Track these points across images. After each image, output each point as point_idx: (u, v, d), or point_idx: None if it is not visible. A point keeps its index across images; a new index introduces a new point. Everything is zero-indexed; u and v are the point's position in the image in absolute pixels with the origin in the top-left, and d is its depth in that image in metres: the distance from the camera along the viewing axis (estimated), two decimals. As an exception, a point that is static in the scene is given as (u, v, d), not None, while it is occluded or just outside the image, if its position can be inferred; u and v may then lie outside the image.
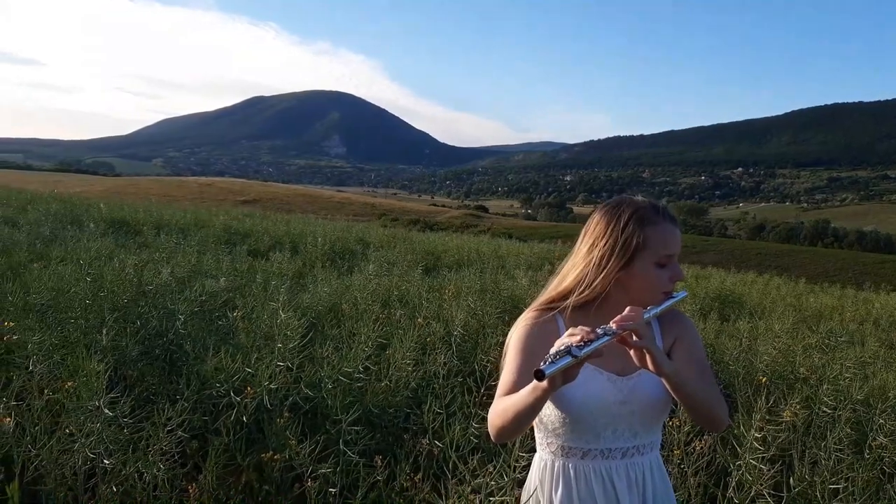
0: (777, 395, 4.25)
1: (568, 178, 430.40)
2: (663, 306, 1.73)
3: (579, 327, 1.52)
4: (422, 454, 3.03)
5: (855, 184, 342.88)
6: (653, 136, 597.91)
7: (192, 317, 4.31)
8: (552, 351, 1.47)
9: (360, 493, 2.66)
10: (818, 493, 2.49)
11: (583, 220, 2.68)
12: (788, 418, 3.76)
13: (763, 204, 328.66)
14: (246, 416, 3.12)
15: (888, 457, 3.09)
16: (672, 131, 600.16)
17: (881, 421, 3.25)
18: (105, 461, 2.72)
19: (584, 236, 1.85)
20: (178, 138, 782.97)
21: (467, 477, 1.94)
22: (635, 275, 1.76)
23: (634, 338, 1.57)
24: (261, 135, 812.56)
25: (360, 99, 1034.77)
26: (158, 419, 2.77)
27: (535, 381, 1.49)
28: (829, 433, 3.11)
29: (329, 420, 3.12)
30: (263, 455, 3.00)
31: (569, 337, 1.50)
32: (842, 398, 3.98)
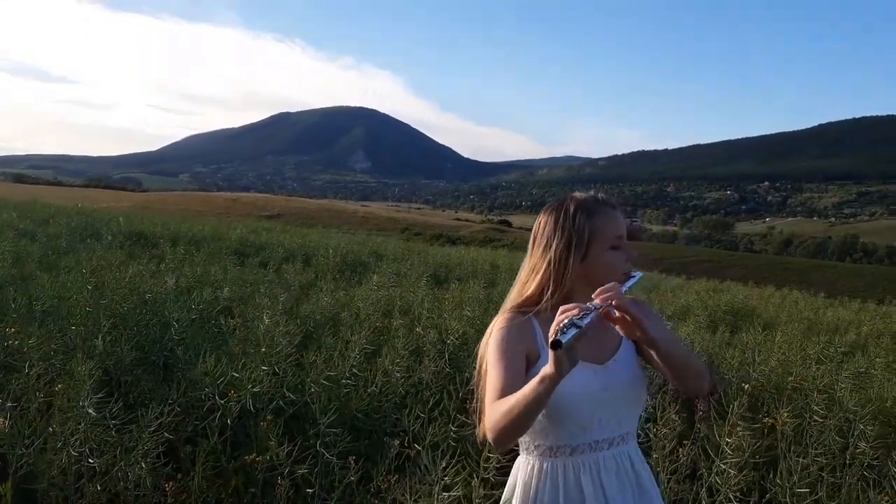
0: (770, 404, 4.24)
1: (592, 192, 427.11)
2: (628, 284, 1.79)
3: (570, 304, 1.57)
4: (401, 457, 3.08)
5: (885, 198, 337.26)
6: (678, 150, 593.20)
7: (190, 324, 4.40)
8: (554, 328, 1.51)
9: (336, 494, 2.71)
10: (788, 499, 2.49)
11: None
12: (779, 426, 3.75)
13: (790, 219, 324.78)
14: (230, 420, 3.19)
15: (868, 461, 3.07)
16: (698, 145, 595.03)
17: (861, 427, 3.24)
18: (91, 461, 2.79)
19: (534, 240, 1.90)
20: (205, 154, 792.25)
21: (437, 475, 1.98)
22: (594, 263, 1.82)
23: (616, 312, 1.65)
24: (286, 150, 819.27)
25: (384, 114, 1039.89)
26: (143, 421, 2.85)
27: (541, 373, 1.54)
28: (808, 440, 3.10)
29: (313, 424, 3.17)
30: (247, 457, 3.06)
31: (563, 314, 1.54)
32: (835, 407, 3.97)
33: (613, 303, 1.64)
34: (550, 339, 1.49)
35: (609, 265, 1.82)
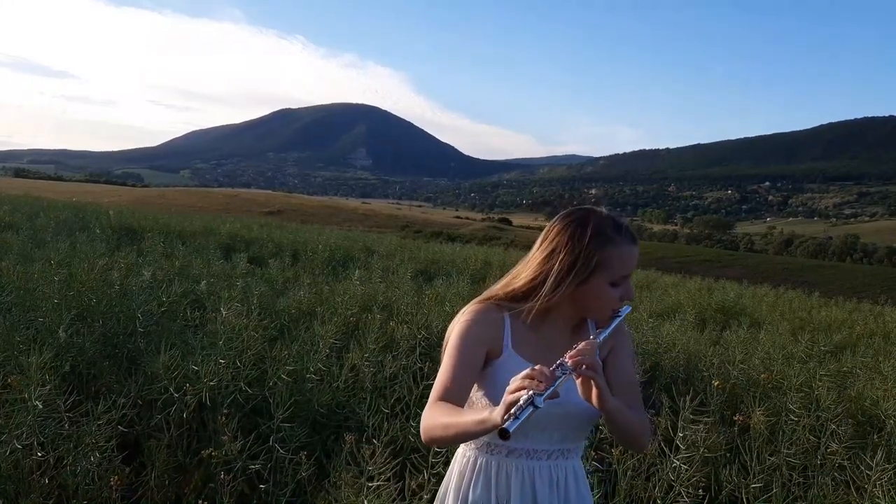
0: (748, 403, 4.18)
1: (593, 191, 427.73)
2: (612, 326, 1.75)
3: (538, 368, 1.46)
4: (357, 452, 3.02)
5: (886, 199, 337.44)
6: (679, 149, 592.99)
7: (160, 317, 4.34)
8: (511, 398, 1.42)
9: (287, 490, 2.65)
10: (744, 496, 2.43)
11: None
12: (753, 424, 3.69)
13: (791, 219, 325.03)
14: (186, 414, 3.12)
15: (839, 462, 3.00)
16: (699, 145, 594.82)
17: (833, 427, 3.17)
18: (39, 454, 2.73)
19: (541, 243, 1.80)
20: (207, 150, 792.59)
21: (371, 470, 1.91)
22: (589, 292, 1.75)
23: (585, 367, 1.56)
24: (287, 147, 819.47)
25: (386, 111, 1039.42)
26: (94, 413, 2.79)
27: (483, 417, 1.47)
28: (781, 439, 3.04)
29: (270, 418, 3.12)
30: (203, 452, 3.00)
31: (527, 380, 1.44)
32: (812, 406, 3.91)
33: (584, 367, 1.56)
34: (500, 426, 1.40)
35: (603, 299, 1.76)
